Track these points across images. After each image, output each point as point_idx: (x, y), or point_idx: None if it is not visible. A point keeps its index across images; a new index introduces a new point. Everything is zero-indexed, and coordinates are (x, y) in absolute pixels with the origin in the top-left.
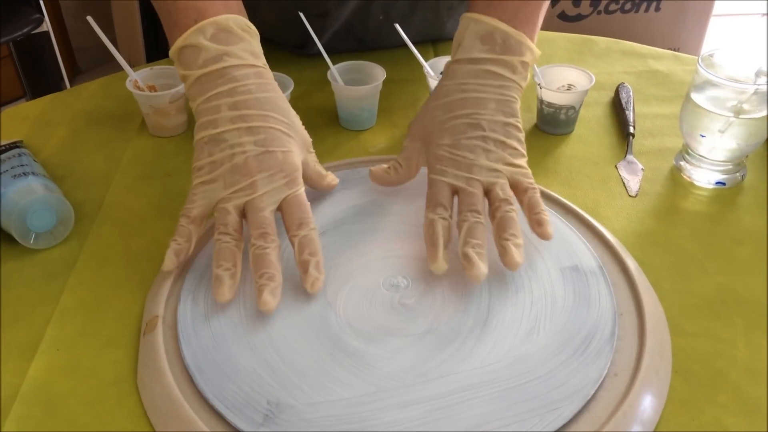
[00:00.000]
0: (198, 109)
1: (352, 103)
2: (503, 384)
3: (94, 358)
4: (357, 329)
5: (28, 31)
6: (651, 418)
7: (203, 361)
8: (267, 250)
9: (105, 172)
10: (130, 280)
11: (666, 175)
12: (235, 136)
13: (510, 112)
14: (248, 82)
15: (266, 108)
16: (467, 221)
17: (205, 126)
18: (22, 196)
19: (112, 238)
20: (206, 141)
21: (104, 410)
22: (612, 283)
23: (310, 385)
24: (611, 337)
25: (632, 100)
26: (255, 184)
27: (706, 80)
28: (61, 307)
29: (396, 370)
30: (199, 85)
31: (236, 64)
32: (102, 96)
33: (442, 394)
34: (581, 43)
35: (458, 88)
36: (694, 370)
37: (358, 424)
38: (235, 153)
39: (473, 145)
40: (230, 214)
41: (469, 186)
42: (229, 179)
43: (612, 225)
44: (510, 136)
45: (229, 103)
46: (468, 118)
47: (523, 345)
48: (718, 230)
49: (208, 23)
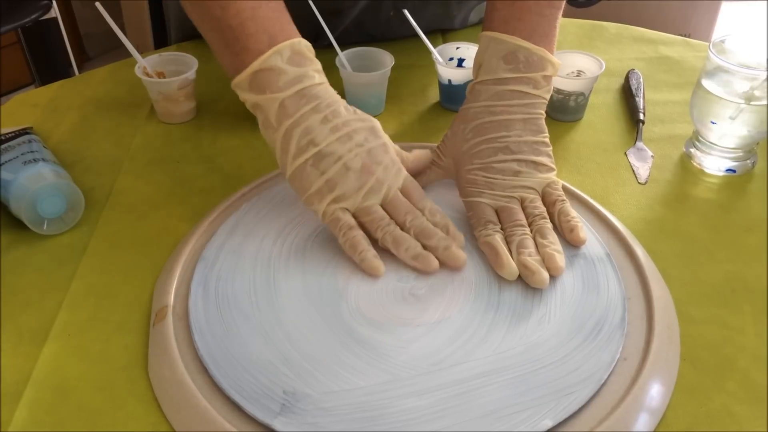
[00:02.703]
0: (286, 134)
1: (361, 90)
2: (517, 370)
3: (105, 342)
4: (370, 319)
5: (36, 18)
6: (659, 403)
7: (217, 352)
8: (425, 222)
9: (114, 159)
10: (140, 265)
11: (676, 163)
12: (339, 146)
13: (537, 130)
14: (326, 97)
15: (346, 113)
16: (515, 236)
17: (304, 148)
18: (33, 182)
19: (121, 224)
20: (311, 163)
21: (115, 394)
22: (620, 269)
23: (325, 375)
24: (621, 322)
25: (642, 86)
26: (379, 179)
27: (717, 66)
28: (72, 293)
29: (410, 358)
30: (283, 110)
31: (313, 84)
32: (111, 82)
33: (456, 382)
34: (591, 28)
35: (486, 110)
36: (703, 358)
37: (375, 412)
38: (347, 160)
39: (505, 168)
40: (378, 209)
41: (509, 203)
42: (356, 185)
43: (621, 212)
44: (540, 153)
45: (320, 118)
46: (497, 142)
47: (535, 332)
48: (728, 218)
49: (285, 46)
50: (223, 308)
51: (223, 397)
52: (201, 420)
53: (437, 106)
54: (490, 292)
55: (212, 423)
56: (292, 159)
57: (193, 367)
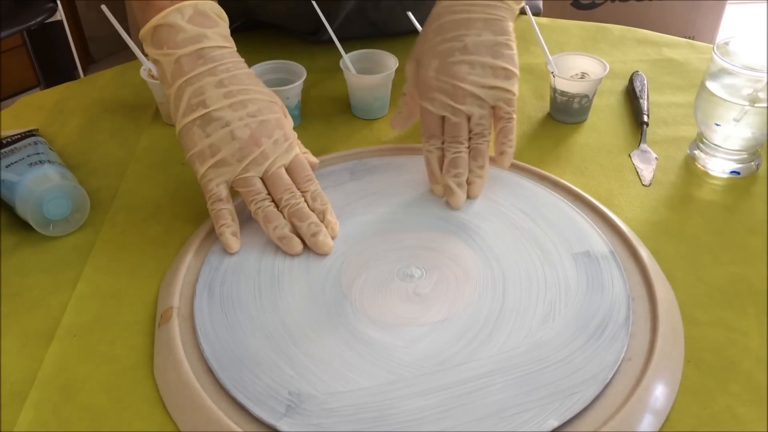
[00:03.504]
0: (178, 91)
1: (365, 93)
2: (522, 370)
3: (110, 344)
4: (373, 319)
5: (41, 21)
6: (664, 404)
7: (222, 353)
8: (300, 204)
9: (120, 161)
10: (146, 267)
11: (680, 165)
12: (230, 112)
13: (499, 31)
14: (226, 61)
15: (248, 82)
16: (449, 152)
17: (194, 107)
18: (39, 184)
19: (127, 226)
20: (198, 123)
21: (120, 395)
22: (624, 270)
23: (330, 375)
24: (626, 321)
25: (646, 88)
26: (265, 152)
27: (721, 68)
28: (77, 294)
29: (414, 359)
30: (178, 67)
31: (213, 46)
32: (116, 85)
33: (461, 381)
34: (595, 31)
35: (447, 9)
36: (707, 359)
37: (379, 413)
38: (235, 128)
39: (457, 69)
40: (257, 182)
41: (454, 116)
42: (238, 154)
43: (625, 214)
44: (498, 56)
45: (215, 81)
46: (456, 41)
47: (540, 331)
48: (732, 220)
49: (187, 5)
50: (228, 309)
51: (228, 397)
52: (206, 421)
53: None
54: (494, 290)
55: (217, 423)
56: (181, 116)
57: (199, 368)
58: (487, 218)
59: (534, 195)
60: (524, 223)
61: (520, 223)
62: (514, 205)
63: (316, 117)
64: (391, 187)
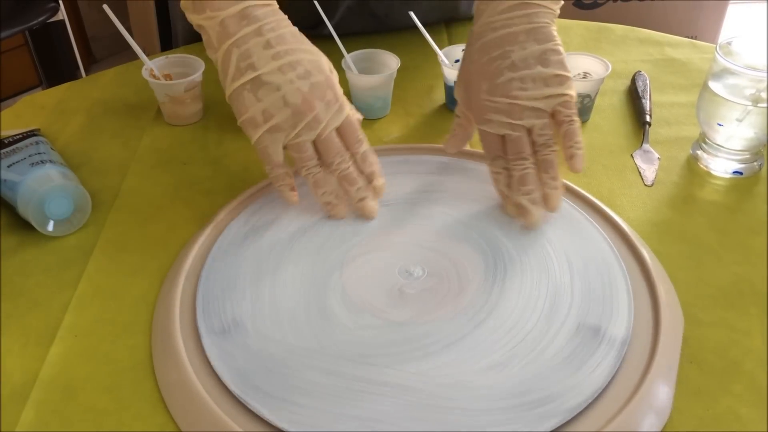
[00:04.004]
0: (225, 55)
1: (366, 92)
2: (523, 368)
3: (112, 343)
4: (346, 294)
5: (43, 20)
6: (665, 405)
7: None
8: (350, 168)
9: (121, 161)
10: (147, 267)
11: (682, 165)
12: (280, 75)
13: (544, 38)
14: (270, 20)
15: (293, 41)
16: (516, 170)
17: (243, 71)
18: (40, 183)
19: (128, 226)
20: (249, 88)
21: (121, 395)
22: (626, 271)
23: (276, 322)
24: (628, 320)
25: (649, 88)
26: (318, 116)
27: (723, 68)
28: (78, 294)
29: (346, 342)
30: (223, 29)
31: (255, 4)
32: (118, 84)
33: (381, 383)
34: (597, 30)
35: (488, 27)
36: (709, 360)
37: (281, 371)
38: (286, 92)
39: (509, 88)
40: (309, 148)
41: (514, 131)
42: (291, 120)
43: (627, 214)
44: (548, 64)
45: (262, 42)
46: (502, 58)
47: (541, 330)
48: (735, 220)
49: None
50: (229, 309)
51: (229, 397)
52: (208, 421)
53: (443, 107)
54: (474, 318)
55: (219, 424)
56: (231, 80)
57: (200, 369)
58: (526, 251)
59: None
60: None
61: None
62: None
63: None
64: (437, 193)
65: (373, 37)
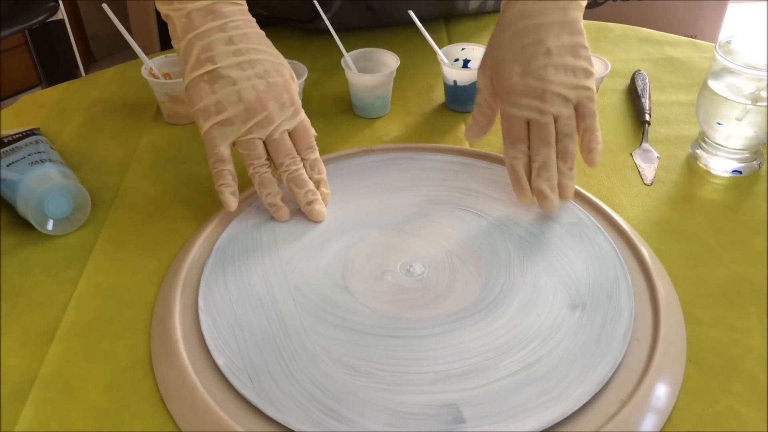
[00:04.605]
0: (188, 46)
1: (366, 92)
2: (522, 368)
3: (111, 342)
4: (341, 277)
5: (43, 20)
6: (665, 404)
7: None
8: (300, 170)
9: (121, 160)
10: (147, 266)
11: (682, 164)
12: (238, 71)
13: (576, 32)
14: (236, 19)
15: (257, 42)
16: (539, 156)
17: (202, 63)
18: (40, 182)
19: (128, 225)
20: (206, 79)
21: (121, 394)
22: (626, 270)
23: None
24: (628, 320)
25: (648, 87)
26: (270, 116)
27: (723, 67)
28: (78, 293)
29: (323, 322)
30: (189, 21)
31: (224, 1)
32: (117, 84)
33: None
34: (597, 29)
35: (522, 15)
36: (709, 359)
37: (282, 362)
38: (242, 88)
39: (544, 73)
40: (259, 146)
41: (542, 117)
42: (243, 115)
43: (627, 213)
44: (578, 56)
45: (224, 38)
46: (537, 45)
47: (541, 330)
48: (734, 219)
49: None
50: (229, 308)
51: (229, 396)
52: (207, 420)
53: (442, 107)
54: (486, 298)
55: (219, 423)
56: (189, 70)
57: (201, 368)
58: (525, 249)
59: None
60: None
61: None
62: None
63: (318, 116)
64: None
65: (371, 35)
